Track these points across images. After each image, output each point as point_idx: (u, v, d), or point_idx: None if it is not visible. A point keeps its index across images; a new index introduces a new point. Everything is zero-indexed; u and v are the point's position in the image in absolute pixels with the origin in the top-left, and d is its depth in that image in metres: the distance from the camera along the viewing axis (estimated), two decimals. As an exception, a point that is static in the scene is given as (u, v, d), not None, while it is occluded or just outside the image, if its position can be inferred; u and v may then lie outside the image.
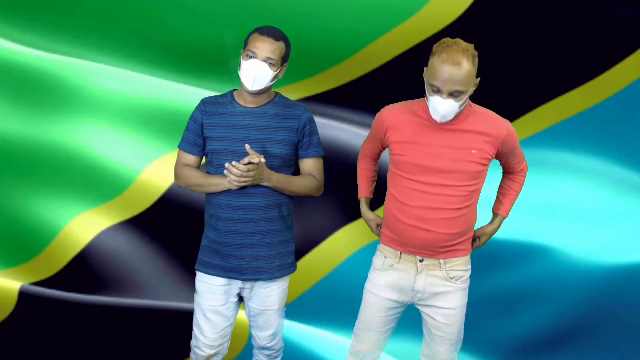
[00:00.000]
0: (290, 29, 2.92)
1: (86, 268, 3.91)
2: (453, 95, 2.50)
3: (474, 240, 2.81)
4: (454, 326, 2.75)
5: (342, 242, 3.84)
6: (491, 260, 3.73)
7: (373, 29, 3.66)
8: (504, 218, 2.85)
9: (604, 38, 3.62)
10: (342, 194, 3.61)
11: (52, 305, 3.84)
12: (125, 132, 3.90)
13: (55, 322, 3.84)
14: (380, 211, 2.94)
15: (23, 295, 3.85)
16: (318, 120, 2.96)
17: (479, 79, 2.58)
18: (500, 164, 2.80)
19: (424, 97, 2.63)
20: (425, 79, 2.56)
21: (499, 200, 2.86)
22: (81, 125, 3.90)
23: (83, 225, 3.91)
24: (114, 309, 3.84)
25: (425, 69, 2.57)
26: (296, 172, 2.91)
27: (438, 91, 2.50)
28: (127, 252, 3.92)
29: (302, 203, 3.14)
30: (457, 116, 2.59)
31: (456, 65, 2.47)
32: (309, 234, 3.82)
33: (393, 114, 2.69)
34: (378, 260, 2.78)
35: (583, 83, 3.68)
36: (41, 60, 3.87)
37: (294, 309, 3.54)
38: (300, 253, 3.80)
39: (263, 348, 3.02)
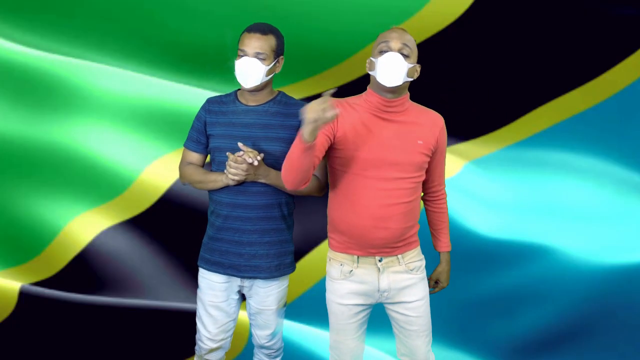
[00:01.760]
0: (290, 29, 2.93)
1: (86, 268, 3.91)
2: (402, 53, 2.56)
3: (435, 282, 2.91)
4: (424, 317, 2.76)
5: (342, 242, 3.84)
6: (491, 260, 3.74)
7: (373, 29, 3.63)
8: (449, 251, 2.91)
9: (604, 38, 3.62)
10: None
11: (52, 305, 3.84)
12: (125, 132, 3.90)
13: (55, 322, 3.84)
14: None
15: (23, 295, 3.85)
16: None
17: (420, 66, 2.67)
18: (426, 175, 2.76)
19: (361, 93, 2.69)
20: (370, 58, 2.62)
21: (435, 238, 2.90)
22: (81, 126, 3.90)
23: (83, 225, 3.92)
24: (114, 309, 3.84)
25: (370, 59, 2.63)
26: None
27: (387, 50, 2.57)
28: (127, 252, 3.92)
29: (302, 203, 3.14)
30: (399, 103, 2.62)
31: (402, 30, 2.63)
32: (309, 234, 3.82)
33: (342, 106, 2.63)
34: (334, 270, 2.72)
35: (583, 83, 3.68)
36: (41, 60, 3.87)
37: (294, 309, 3.54)
38: (300, 253, 3.80)
39: (262, 347, 3.03)
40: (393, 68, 2.56)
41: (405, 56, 2.58)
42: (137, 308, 3.84)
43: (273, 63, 2.78)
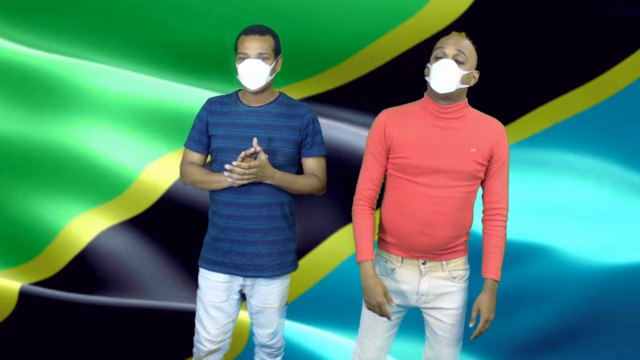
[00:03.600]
0: (291, 29, 2.93)
1: (86, 268, 3.91)
2: (456, 60, 2.55)
3: (477, 313, 2.66)
4: (459, 326, 2.75)
5: (342, 242, 3.84)
6: (491, 260, 3.73)
7: (373, 29, 3.66)
8: (496, 281, 2.69)
9: (604, 38, 3.62)
10: (342, 194, 3.61)
11: (52, 305, 3.84)
12: (125, 132, 3.90)
13: (55, 322, 3.84)
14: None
15: (23, 295, 3.85)
16: (320, 120, 2.97)
17: (479, 72, 2.63)
18: (484, 187, 2.71)
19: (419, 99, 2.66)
20: (428, 64, 2.61)
21: (484, 262, 2.71)
22: (81, 125, 3.90)
23: (83, 225, 3.91)
24: (114, 309, 3.83)
25: (427, 65, 2.61)
26: (300, 171, 2.93)
27: (441, 57, 2.56)
28: (127, 252, 3.92)
29: (303, 203, 3.15)
30: (454, 109, 2.60)
31: (460, 36, 2.61)
32: (309, 233, 3.82)
33: (392, 115, 2.67)
34: (379, 266, 2.74)
35: (583, 83, 3.68)
36: (41, 60, 3.87)
37: (294, 309, 3.54)
38: (301, 253, 3.80)
39: (264, 346, 3.03)
40: (446, 75, 2.54)
41: (460, 63, 2.55)
42: (136, 308, 3.84)
43: (275, 62, 2.79)
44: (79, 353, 3.77)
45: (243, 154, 2.69)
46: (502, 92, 3.74)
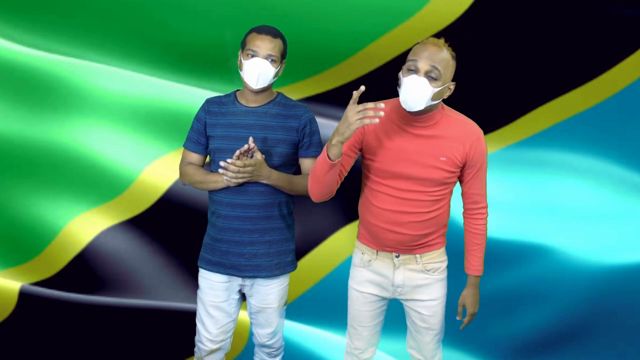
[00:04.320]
0: (290, 29, 2.93)
1: (86, 268, 3.91)
2: (429, 76, 2.45)
3: (461, 307, 2.79)
4: (437, 316, 2.77)
5: (342, 242, 3.84)
6: (491, 260, 3.72)
7: (373, 29, 3.66)
8: (478, 276, 2.77)
9: (604, 38, 3.62)
10: (342, 194, 3.61)
11: (52, 305, 3.84)
12: (125, 132, 3.90)
13: (55, 322, 3.84)
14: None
15: (23, 295, 3.85)
16: (318, 120, 2.97)
17: (454, 83, 2.55)
18: (462, 188, 2.72)
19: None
20: (401, 69, 2.51)
21: (466, 257, 2.78)
22: (81, 125, 3.90)
23: (83, 225, 3.92)
24: (114, 309, 3.83)
25: (399, 74, 2.52)
26: (297, 172, 2.92)
27: (414, 70, 2.46)
28: (127, 252, 3.93)
29: (303, 203, 3.14)
30: (427, 118, 2.54)
31: (437, 46, 2.48)
32: (309, 233, 3.82)
33: None
34: (356, 257, 2.80)
35: (583, 83, 3.68)
36: (41, 60, 3.87)
37: (294, 309, 3.54)
38: (300, 253, 3.80)
39: (263, 346, 3.03)
40: (416, 93, 2.45)
41: (433, 79, 2.45)
42: (136, 308, 3.84)
43: (280, 66, 2.79)
44: (79, 353, 3.77)
45: (238, 152, 2.70)
46: (502, 92, 3.74)
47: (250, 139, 2.71)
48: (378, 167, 2.61)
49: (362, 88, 2.35)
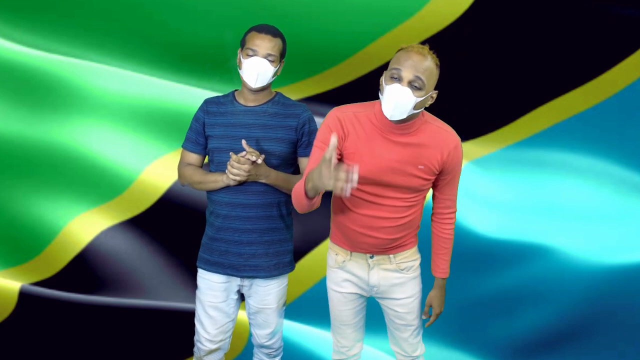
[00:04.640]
0: (290, 29, 2.93)
1: (86, 268, 3.92)
2: (412, 85, 2.42)
3: (428, 307, 2.84)
4: (413, 312, 2.80)
5: (342, 242, 3.84)
6: (491, 260, 3.74)
7: (373, 29, 3.66)
8: (445, 278, 2.82)
9: (604, 38, 3.62)
10: (342, 194, 3.62)
11: (52, 305, 3.84)
12: (125, 132, 3.90)
13: (55, 322, 3.84)
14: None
15: (23, 295, 3.85)
16: (318, 120, 2.97)
17: (437, 92, 2.53)
18: (434, 192, 2.72)
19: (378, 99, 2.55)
20: (383, 75, 2.48)
21: (433, 260, 2.81)
22: (81, 125, 3.90)
23: (83, 225, 3.92)
24: (114, 309, 3.84)
25: (381, 80, 2.50)
26: (296, 171, 2.92)
27: (397, 78, 2.43)
28: (127, 252, 3.93)
29: (302, 203, 3.14)
30: (407, 126, 2.53)
31: (422, 55, 2.44)
32: (308, 234, 3.82)
33: (348, 118, 2.57)
34: (330, 258, 2.80)
35: (583, 83, 3.68)
36: (41, 60, 3.88)
37: (294, 309, 3.54)
38: (300, 253, 3.80)
39: (262, 346, 3.03)
40: (398, 103, 2.42)
41: (416, 89, 2.42)
42: (136, 308, 3.84)
43: (279, 66, 2.79)
44: (79, 353, 3.77)
45: (236, 157, 2.69)
46: (502, 92, 3.74)
47: (244, 143, 2.70)
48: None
49: (334, 140, 2.26)
